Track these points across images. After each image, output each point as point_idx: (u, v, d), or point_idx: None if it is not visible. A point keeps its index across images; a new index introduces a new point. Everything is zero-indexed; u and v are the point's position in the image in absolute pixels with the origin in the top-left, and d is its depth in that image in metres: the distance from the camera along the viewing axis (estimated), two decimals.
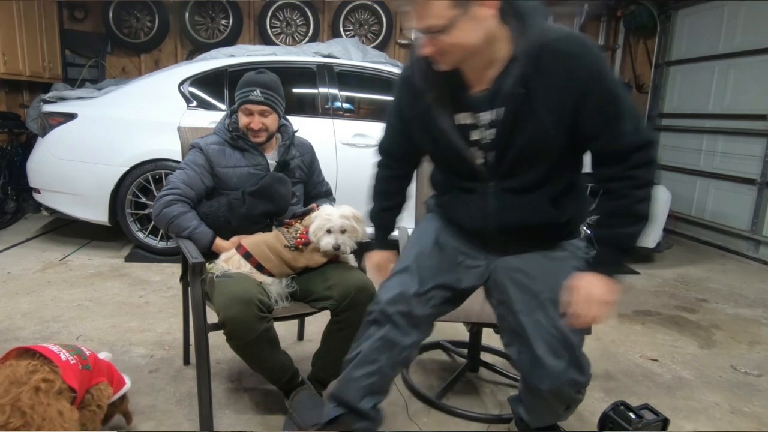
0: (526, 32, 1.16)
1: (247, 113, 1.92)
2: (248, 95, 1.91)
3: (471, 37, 1.14)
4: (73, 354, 1.48)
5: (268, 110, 1.93)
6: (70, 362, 1.44)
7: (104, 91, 4.02)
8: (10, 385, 1.29)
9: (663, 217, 3.93)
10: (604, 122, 1.18)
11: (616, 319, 2.95)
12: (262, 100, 1.91)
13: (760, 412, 2.06)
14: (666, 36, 5.49)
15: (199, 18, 5.74)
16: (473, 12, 1.12)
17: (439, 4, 1.11)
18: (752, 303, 3.31)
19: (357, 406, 1.43)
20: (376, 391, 1.46)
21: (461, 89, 1.26)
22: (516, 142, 1.22)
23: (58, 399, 1.33)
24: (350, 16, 5.88)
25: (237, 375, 2.15)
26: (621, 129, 1.18)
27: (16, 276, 3.26)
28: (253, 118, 1.92)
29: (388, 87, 4.01)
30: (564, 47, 1.15)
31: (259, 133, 1.95)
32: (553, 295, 1.32)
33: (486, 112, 1.23)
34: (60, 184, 3.70)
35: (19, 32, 4.74)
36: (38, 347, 1.43)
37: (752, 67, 4.41)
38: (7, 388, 1.29)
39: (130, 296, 3.00)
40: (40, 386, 1.31)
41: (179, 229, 1.85)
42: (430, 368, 2.28)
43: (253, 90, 1.91)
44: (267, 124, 1.94)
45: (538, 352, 1.32)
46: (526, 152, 1.24)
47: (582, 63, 1.15)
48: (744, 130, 4.47)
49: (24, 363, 1.36)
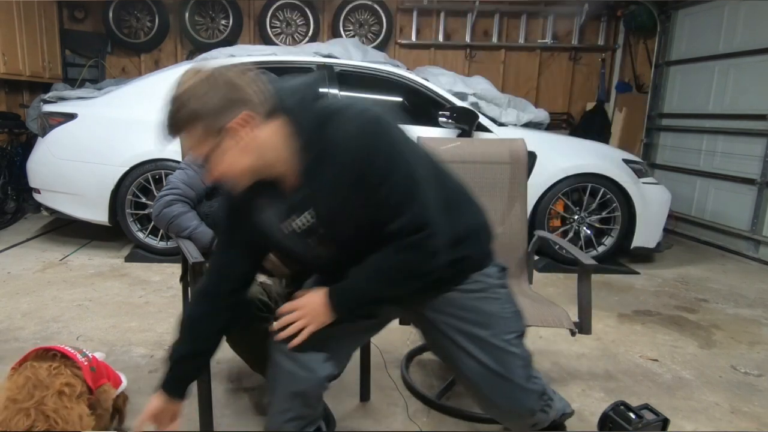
0: (297, 130, 1.12)
1: None
2: None
3: (241, 160, 1.12)
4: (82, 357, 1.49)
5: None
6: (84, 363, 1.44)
7: (104, 91, 4.02)
8: (34, 389, 1.29)
9: (663, 217, 3.93)
10: (381, 202, 1.12)
11: (616, 319, 2.95)
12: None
13: (760, 412, 2.06)
14: (666, 36, 5.49)
15: (199, 18, 5.74)
16: (229, 139, 1.10)
17: (191, 140, 1.11)
18: (752, 303, 3.31)
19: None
20: (309, 421, 1.38)
21: (278, 195, 1.20)
22: (340, 231, 1.21)
23: (78, 403, 1.33)
24: (350, 16, 5.88)
25: (237, 375, 2.15)
26: (399, 210, 1.12)
27: (16, 276, 3.26)
28: None
29: (388, 87, 4.01)
30: (336, 134, 1.11)
31: None
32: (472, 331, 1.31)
33: (303, 215, 1.20)
34: (60, 184, 3.70)
35: (19, 32, 4.74)
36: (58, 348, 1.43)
37: (752, 67, 4.41)
38: (30, 391, 1.28)
39: (130, 296, 3.00)
40: (64, 390, 1.31)
41: (179, 229, 1.85)
42: (430, 368, 2.28)
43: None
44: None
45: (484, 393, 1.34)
46: (351, 234, 1.20)
47: (352, 147, 1.10)
48: (744, 130, 4.47)
49: (45, 365, 1.35)
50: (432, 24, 6.03)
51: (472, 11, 5.91)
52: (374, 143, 1.12)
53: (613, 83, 6.20)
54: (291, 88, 1.17)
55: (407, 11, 5.97)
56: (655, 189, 3.89)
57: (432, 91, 3.89)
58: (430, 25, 6.04)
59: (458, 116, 3.65)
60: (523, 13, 5.99)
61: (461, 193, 1.33)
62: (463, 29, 6.05)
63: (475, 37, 6.06)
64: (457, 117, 3.65)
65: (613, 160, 3.86)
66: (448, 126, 3.69)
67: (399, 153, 1.14)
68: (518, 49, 6.11)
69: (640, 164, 3.98)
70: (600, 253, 3.81)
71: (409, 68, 4.85)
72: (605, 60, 6.17)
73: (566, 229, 3.85)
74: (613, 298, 3.29)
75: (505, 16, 6.03)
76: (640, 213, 3.77)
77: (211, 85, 1.08)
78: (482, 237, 1.35)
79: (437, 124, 3.69)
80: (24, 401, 1.26)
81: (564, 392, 2.08)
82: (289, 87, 1.17)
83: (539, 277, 3.57)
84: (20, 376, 1.31)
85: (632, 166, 3.87)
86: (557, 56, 6.18)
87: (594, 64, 6.23)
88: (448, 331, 1.32)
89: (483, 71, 5.71)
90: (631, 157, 4.03)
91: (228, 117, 1.08)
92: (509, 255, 2.17)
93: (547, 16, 6.02)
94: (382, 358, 2.32)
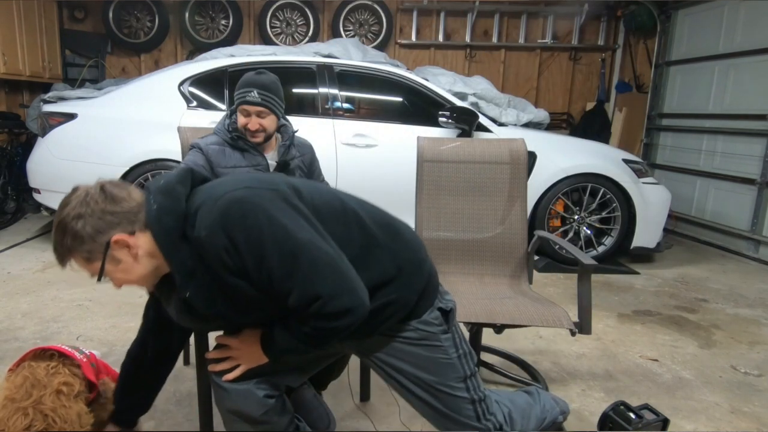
0: (158, 243, 1.13)
1: (245, 114, 1.93)
2: (245, 96, 1.91)
3: (132, 272, 1.17)
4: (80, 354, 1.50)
5: (265, 111, 1.92)
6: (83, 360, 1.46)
7: (104, 91, 4.02)
8: (32, 388, 1.29)
9: (663, 217, 3.93)
10: (266, 284, 1.12)
11: (616, 319, 2.95)
12: (259, 101, 1.91)
13: (760, 412, 2.06)
14: (666, 36, 5.49)
15: (199, 18, 5.74)
16: (115, 255, 1.14)
17: (80, 264, 1.17)
18: (752, 303, 3.31)
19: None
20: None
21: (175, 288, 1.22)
22: (236, 320, 1.25)
23: (76, 401, 1.34)
24: (350, 16, 5.88)
25: None
26: (286, 287, 1.11)
27: (16, 276, 3.26)
28: (250, 119, 1.92)
29: (388, 87, 4.01)
30: (198, 235, 1.11)
31: (257, 134, 1.95)
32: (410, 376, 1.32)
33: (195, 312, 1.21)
34: (60, 184, 3.69)
35: (19, 32, 4.74)
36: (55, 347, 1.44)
37: (752, 67, 4.41)
38: (28, 390, 1.28)
39: (130, 296, 2.99)
40: (62, 389, 1.31)
41: None
42: None
43: (250, 91, 1.91)
44: (264, 125, 1.94)
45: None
46: (250, 318, 1.25)
47: (215, 243, 1.09)
48: (744, 130, 4.47)
49: (43, 364, 1.36)
50: (432, 24, 6.04)
51: (472, 11, 5.91)
52: (234, 232, 1.08)
53: (613, 83, 6.20)
54: (154, 194, 1.15)
55: (407, 11, 5.98)
56: (655, 189, 3.89)
57: (432, 91, 3.89)
58: (430, 25, 6.04)
59: (458, 116, 3.65)
60: (523, 13, 6.00)
61: (382, 231, 1.27)
62: (463, 29, 6.05)
63: (475, 37, 6.06)
64: (457, 117, 3.65)
65: (613, 160, 3.86)
66: (448, 126, 3.69)
67: (266, 230, 1.09)
68: (518, 49, 6.11)
69: (640, 164, 3.99)
70: (600, 253, 3.81)
71: (409, 68, 4.85)
72: (605, 60, 6.17)
73: (566, 229, 3.86)
74: (613, 298, 3.29)
75: (505, 16, 6.03)
76: (640, 213, 3.77)
77: (88, 207, 1.12)
78: (412, 275, 1.28)
79: (437, 124, 3.69)
80: (22, 400, 1.26)
81: (564, 392, 2.08)
82: (154, 193, 1.16)
83: (539, 277, 3.57)
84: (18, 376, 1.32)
85: (632, 166, 3.87)
86: (557, 56, 6.18)
87: (594, 64, 6.23)
88: (393, 374, 1.33)
89: (483, 71, 5.72)
90: (631, 157, 4.03)
91: (107, 236, 1.12)
92: (509, 255, 2.17)
93: (547, 16, 6.03)
94: None
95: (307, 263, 1.10)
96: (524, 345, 2.53)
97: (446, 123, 3.67)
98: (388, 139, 3.71)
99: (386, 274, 1.23)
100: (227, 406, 1.30)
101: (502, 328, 1.85)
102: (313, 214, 1.17)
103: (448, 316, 1.33)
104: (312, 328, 1.15)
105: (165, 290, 1.26)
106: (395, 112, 4.17)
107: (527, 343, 2.57)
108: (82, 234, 1.11)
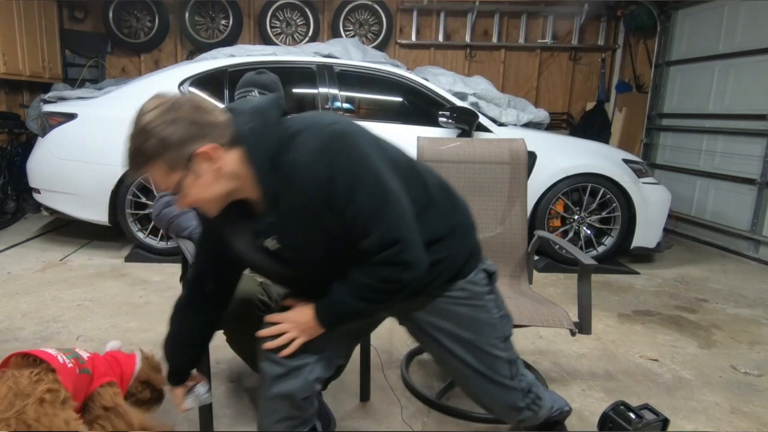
0: (252, 160, 1.11)
1: None
2: (246, 96, 1.91)
3: (210, 188, 1.12)
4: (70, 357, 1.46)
5: None
6: (67, 365, 1.41)
7: (104, 91, 4.02)
8: (15, 398, 1.27)
9: (663, 217, 3.93)
10: (349, 222, 1.12)
11: (616, 319, 2.95)
12: None
13: (760, 412, 2.06)
14: (666, 36, 5.49)
15: (199, 18, 5.74)
16: (197, 168, 1.09)
17: (159, 172, 1.10)
18: (752, 303, 3.31)
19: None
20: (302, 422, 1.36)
21: (249, 215, 1.19)
22: (307, 256, 1.20)
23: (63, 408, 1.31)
24: (350, 16, 5.88)
25: (237, 375, 2.15)
26: (368, 229, 1.12)
27: (16, 276, 3.26)
28: None
29: (388, 87, 4.01)
30: (295, 159, 1.10)
31: None
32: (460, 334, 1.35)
33: (268, 240, 1.19)
34: (60, 184, 3.70)
35: (19, 32, 4.74)
36: (36, 351, 1.41)
37: (752, 67, 4.41)
38: (11, 401, 1.26)
39: (130, 296, 3.00)
40: (45, 397, 1.28)
41: (179, 229, 1.85)
42: (430, 368, 2.28)
43: (251, 90, 1.91)
44: None
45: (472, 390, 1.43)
46: (320, 257, 1.20)
47: (312, 171, 1.09)
48: (744, 130, 4.47)
49: (26, 372, 1.34)
50: (432, 24, 6.04)
51: (472, 11, 5.91)
52: (336, 163, 1.09)
53: (613, 83, 6.20)
54: (246, 114, 1.14)
55: (407, 11, 5.98)
56: (655, 189, 3.89)
57: (432, 91, 3.89)
58: (430, 25, 6.04)
59: (458, 116, 3.65)
60: (523, 13, 6.00)
61: (440, 193, 1.31)
62: (463, 29, 6.05)
63: (475, 37, 6.06)
64: (457, 117, 3.65)
65: (613, 160, 3.86)
66: (448, 126, 3.69)
67: (365, 169, 1.11)
68: (518, 49, 6.11)
69: (640, 164, 3.98)
70: (600, 253, 3.81)
71: (409, 68, 4.85)
72: (605, 60, 6.17)
73: (566, 229, 3.85)
74: (613, 298, 3.29)
75: (505, 16, 6.03)
76: (640, 213, 3.77)
77: (176, 113, 1.07)
78: (462, 237, 1.33)
79: (437, 124, 3.69)
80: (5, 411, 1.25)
81: (564, 392, 2.08)
82: (245, 114, 1.14)
83: (539, 277, 3.57)
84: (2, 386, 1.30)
85: (632, 166, 3.87)
86: (557, 56, 6.18)
87: (594, 64, 6.23)
88: (435, 333, 1.36)
89: (483, 71, 5.72)
90: (631, 157, 4.03)
91: (195, 146, 1.07)
92: (509, 255, 2.17)
93: (547, 16, 6.02)
94: (381, 358, 2.32)
95: (394, 209, 1.13)
96: (524, 345, 2.53)
97: (446, 123, 3.67)
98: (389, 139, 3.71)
99: (439, 233, 1.26)
100: (278, 390, 1.28)
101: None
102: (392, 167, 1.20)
103: (491, 278, 1.39)
104: (378, 280, 1.16)
105: (234, 220, 1.21)
106: (395, 112, 4.17)
107: (527, 343, 2.57)
108: (171, 140, 1.05)
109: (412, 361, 2.34)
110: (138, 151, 1.08)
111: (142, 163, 1.09)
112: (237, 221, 1.21)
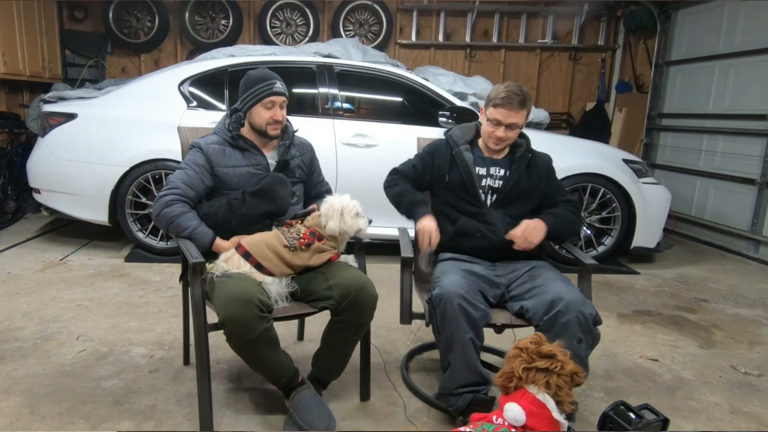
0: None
1: (268, 106, 1.89)
2: (271, 87, 1.88)
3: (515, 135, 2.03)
4: None
5: (286, 101, 1.93)
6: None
7: (104, 91, 4.02)
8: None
9: (663, 217, 3.93)
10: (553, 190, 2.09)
11: (616, 319, 2.95)
12: (284, 91, 1.91)
13: (760, 412, 2.06)
14: (666, 36, 5.50)
15: (199, 18, 5.74)
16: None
17: (525, 114, 1.97)
18: (752, 303, 3.31)
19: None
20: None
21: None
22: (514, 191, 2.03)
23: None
24: (350, 16, 5.88)
25: (237, 375, 2.15)
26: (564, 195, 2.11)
27: (16, 276, 3.26)
28: (275, 110, 1.90)
29: (388, 87, 4.01)
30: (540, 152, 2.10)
31: (278, 126, 1.93)
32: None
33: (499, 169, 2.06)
34: (60, 184, 3.70)
35: (19, 32, 4.74)
36: None
37: (752, 67, 4.41)
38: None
39: (130, 296, 3.00)
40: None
41: (179, 229, 1.85)
42: (430, 368, 2.28)
43: (274, 83, 1.89)
44: (285, 116, 1.95)
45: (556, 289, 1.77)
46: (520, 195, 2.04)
47: (546, 158, 2.12)
48: (744, 130, 4.47)
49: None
50: (432, 24, 6.04)
51: (472, 11, 5.91)
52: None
53: (613, 83, 6.20)
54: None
55: (407, 11, 5.98)
56: (655, 189, 3.89)
57: (432, 91, 3.89)
58: (430, 25, 6.04)
59: (458, 116, 3.65)
60: (523, 13, 6.00)
61: None
62: (463, 29, 6.05)
63: (475, 37, 6.06)
64: (457, 117, 3.65)
65: (613, 160, 3.86)
66: (448, 126, 3.68)
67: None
68: (518, 49, 6.11)
69: (640, 164, 3.98)
70: (600, 252, 3.81)
71: (409, 68, 4.85)
72: (605, 60, 6.17)
73: None
74: (613, 298, 3.29)
75: (505, 16, 6.03)
76: (640, 213, 3.77)
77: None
78: None
79: (437, 124, 3.69)
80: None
81: None
82: None
83: None
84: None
85: (632, 166, 3.87)
86: (557, 56, 6.18)
87: (594, 64, 6.23)
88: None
89: (483, 71, 5.72)
90: (631, 157, 4.03)
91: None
92: None
93: (547, 16, 6.03)
94: (382, 358, 2.32)
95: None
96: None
97: (446, 123, 3.67)
98: (388, 139, 3.71)
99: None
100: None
101: (502, 328, 1.85)
102: None
103: None
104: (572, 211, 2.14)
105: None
106: (395, 112, 4.17)
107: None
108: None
109: (412, 361, 2.34)
110: (527, 97, 1.96)
111: (526, 103, 1.97)
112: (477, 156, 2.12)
